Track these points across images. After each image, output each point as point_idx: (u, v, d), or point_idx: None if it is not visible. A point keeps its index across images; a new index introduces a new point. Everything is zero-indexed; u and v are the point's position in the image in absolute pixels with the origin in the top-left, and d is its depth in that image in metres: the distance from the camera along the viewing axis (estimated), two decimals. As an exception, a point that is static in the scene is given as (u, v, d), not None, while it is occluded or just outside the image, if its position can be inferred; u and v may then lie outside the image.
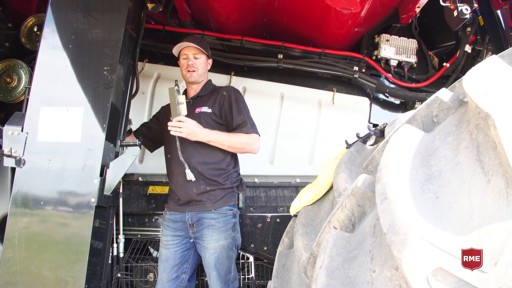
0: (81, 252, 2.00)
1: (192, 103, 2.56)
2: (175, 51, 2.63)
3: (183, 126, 2.30)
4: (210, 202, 2.38)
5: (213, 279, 2.39)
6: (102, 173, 2.08)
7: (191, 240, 2.45)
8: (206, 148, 2.41)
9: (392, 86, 3.15)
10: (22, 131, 2.05)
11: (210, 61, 2.69)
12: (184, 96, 2.36)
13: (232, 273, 2.45)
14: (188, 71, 2.54)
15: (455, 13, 2.47)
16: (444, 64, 3.16)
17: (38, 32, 2.77)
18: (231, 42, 3.08)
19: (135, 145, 2.23)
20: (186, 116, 2.36)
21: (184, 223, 2.42)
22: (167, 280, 2.42)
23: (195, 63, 2.54)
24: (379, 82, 3.13)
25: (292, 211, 1.85)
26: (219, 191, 2.42)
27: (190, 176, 2.35)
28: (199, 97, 2.60)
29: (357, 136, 1.76)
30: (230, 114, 2.49)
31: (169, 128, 2.32)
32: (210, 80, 2.69)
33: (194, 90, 2.63)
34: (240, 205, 2.61)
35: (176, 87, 2.32)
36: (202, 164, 2.40)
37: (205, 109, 2.50)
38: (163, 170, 2.62)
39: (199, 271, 2.77)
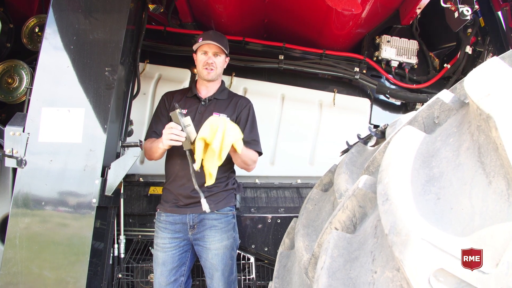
0: (82, 253, 2.00)
1: (208, 104, 2.50)
2: (195, 46, 2.51)
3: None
4: (213, 204, 2.36)
5: (216, 280, 2.38)
6: (103, 174, 2.08)
7: (189, 242, 2.43)
8: None
9: (393, 87, 3.15)
10: (23, 131, 2.05)
11: (228, 59, 2.61)
12: (189, 117, 2.19)
13: (234, 274, 2.45)
14: (206, 68, 2.45)
15: (456, 14, 2.47)
16: (445, 65, 3.16)
17: (39, 33, 2.76)
18: (232, 43, 3.09)
19: (136, 145, 2.23)
20: (198, 117, 2.34)
21: (184, 225, 2.39)
22: (166, 284, 2.37)
23: (214, 62, 2.45)
24: (380, 83, 3.13)
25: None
26: (222, 193, 2.42)
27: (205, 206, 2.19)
28: (216, 100, 2.53)
29: (358, 137, 1.77)
30: (243, 128, 2.42)
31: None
32: (223, 82, 2.64)
33: (207, 89, 2.54)
34: (237, 205, 2.61)
35: (178, 110, 2.13)
36: None
37: (224, 117, 2.40)
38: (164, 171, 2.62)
39: (199, 272, 2.77)
